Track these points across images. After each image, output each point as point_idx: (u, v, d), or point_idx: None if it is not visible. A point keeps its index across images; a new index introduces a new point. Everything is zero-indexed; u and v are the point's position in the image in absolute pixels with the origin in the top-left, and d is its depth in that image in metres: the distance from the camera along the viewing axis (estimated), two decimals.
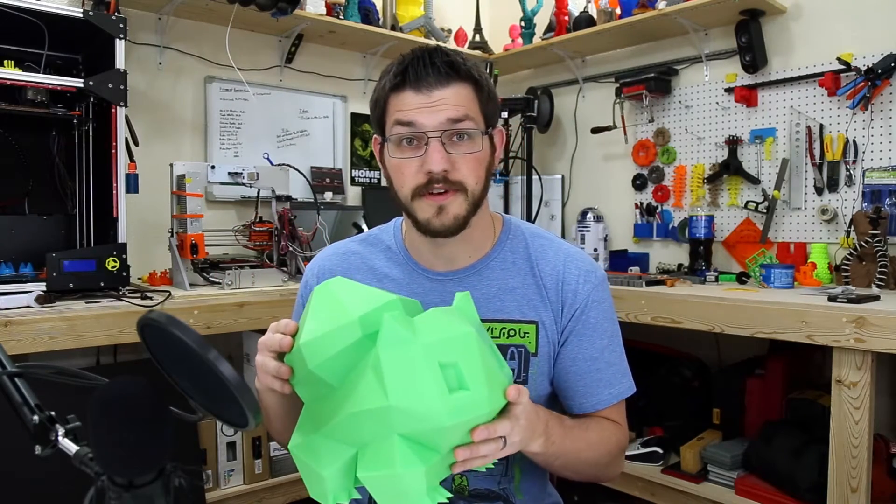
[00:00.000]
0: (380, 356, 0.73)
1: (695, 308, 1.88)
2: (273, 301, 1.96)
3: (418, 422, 0.72)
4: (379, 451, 0.74)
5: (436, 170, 0.93)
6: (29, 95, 1.77)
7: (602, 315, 1.04)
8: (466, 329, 0.78)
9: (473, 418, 0.75)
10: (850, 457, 1.57)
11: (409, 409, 0.72)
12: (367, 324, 0.76)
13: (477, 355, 0.76)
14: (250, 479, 2.06)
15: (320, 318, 0.77)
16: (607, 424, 1.02)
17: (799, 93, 2.26)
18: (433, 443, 0.75)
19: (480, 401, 0.75)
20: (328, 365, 0.76)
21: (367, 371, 0.74)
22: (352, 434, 0.75)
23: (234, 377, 0.53)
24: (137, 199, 1.97)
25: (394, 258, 1.08)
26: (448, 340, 0.76)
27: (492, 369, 0.78)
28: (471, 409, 0.74)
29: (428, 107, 0.92)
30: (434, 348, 0.74)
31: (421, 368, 0.73)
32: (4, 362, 0.67)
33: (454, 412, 0.73)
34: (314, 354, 0.76)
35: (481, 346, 0.78)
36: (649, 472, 2.10)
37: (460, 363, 0.75)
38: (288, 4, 2.29)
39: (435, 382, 0.73)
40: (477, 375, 0.75)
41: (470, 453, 0.76)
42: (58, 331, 1.61)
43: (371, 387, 0.73)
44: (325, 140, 2.85)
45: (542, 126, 2.89)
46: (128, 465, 0.57)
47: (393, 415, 0.72)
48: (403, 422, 0.72)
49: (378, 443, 0.74)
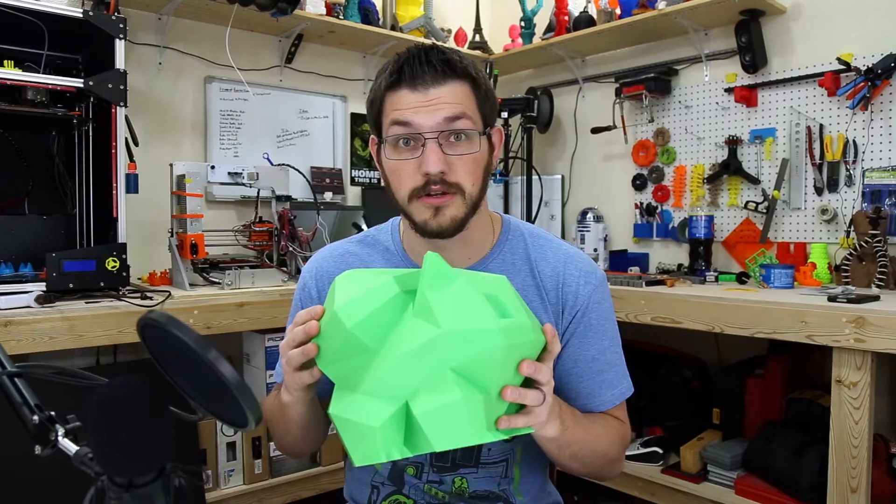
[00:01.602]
0: (426, 293, 0.73)
1: (695, 308, 1.88)
2: (273, 301, 1.96)
3: (473, 344, 0.72)
4: (433, 390, 0.72)
5: (432, 171, 0.92)
6: (29, 95, 1.77)
7: (602, 316, 1.04)
8: (500, 276, 0.83)
9: (524, 342, 0.76)
10: (850, 457, 1.57)
11: (464, 330, 0.72)
12: (403, 283, 0.77)
13: (513, 293, 0.80)
14: (250, 479, 2.06)
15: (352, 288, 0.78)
16: (611, 420, 1.03)
17: (799, 93, 2.26)
18: (485, 378, 0.74)
19: (526, 326, 0.77)
20: (366, 323, 0.74)
21: (409, 319, 0.74)
22: (400, 383, 0.73)
23: (234, 377, 0.53)
24: (137, 199, 1.97)
25: (392, 259, 1.07)
26: (486, 278, 0.80)
27: (527, 308, 0.82)
28: (520, 332, 0.76)
29: (424, 106, 0.91)
30: (476, 282, 0.77)
31: (469, 297, 0.74)
32: (4, 362, 0.67)
33: (507, 332, 0.73)
34: (351, 315, 0.74)
35: (515, 291, 0.82)
36: (649, 472, 2.10)
37: (501, 296, 0.77)
38: (288, 4, 2.29)
39: (483, 308, 0.74)
40: (517, 307, 0.78)
41: (518, 394, 0.76)
42: (58, 331, 1.61)
43: (417, 326, 0.73)
44: (324, 140, 2.85)
45: (541, 126, 2.89)
46: (128, 465, 0.57)
47: (446, 343, 0.71)
48: (457, 350, 0.72)
49: (430, 384, 0.72)
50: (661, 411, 2.30)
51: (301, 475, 2.14)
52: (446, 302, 0.73)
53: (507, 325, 0.74)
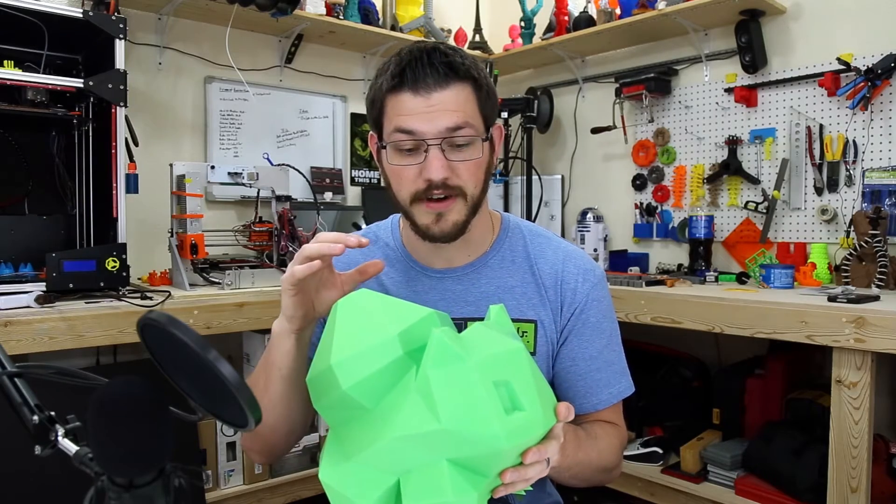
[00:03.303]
0: (429, 376, 0.68)
1: (695, 308, 1.88)
2: (273, 301, 1.96)
3: (473, 446, 0.68)
4: (425, 479, 0.69)
5: (436, 178, 0.92)
6: (29, 95, 1.77)
7: (601, 314, 1.04)
8: (516, 344, 0.74)
9: (529, 440, 0.72)
10: (850, 457, 1.57)
11: (464, 432, 0.67)
12: (407, 341, 0.71)
13: (528, 372, 0.73)
14: (250, 479, 2.06)
15: (352, 336, 0.72)
16: (611, 430, 1.02)
17: (799, 93, 2.26)
18: (483, 467, 0.71)
19: (536, 421, 0.71)
20: (364, 386, 0.70)
21: (411, 392, 0.69)
22: (393, 461, 0.70)
23: (234, 377, 0.53)
24: (137, 199, 1.97)
25: (392, 256, 1.08)
26: (499, 357, 0.71)
27: (542, 386, 0.75)
28: (527, 430, 0.71)
29: (427, 112, 0.91)
30: (487, 366, 0.69)
31: (475, 388, 0.67)
32: (4, 362, 0.67)
33: (513, 434, 0.68)
34: (348, 375, 0.70)
35: (531, 362, 0.75)
36: (649, 472, 2.10)
37: (513, 381, 0.70)
38: (288, 4, 2.29)
39: (491, 403, 0.67)
40: (531, 394, 0.71)
41: (518, 475, 0.72)
42: (58, 331, 1.61)
43: (417, 409, 0.68)
44: (324, 140, 2.85)
45: (541, 126, 2.89)
46: (128, 465, 0.57)
47: (445, 439, 0.67)
48: (455, 446, 0.68)
49: (423, 469, 0.69)
50: (661, 411, 2.30)
51: (301, 475, 2.14)
52: (450, 389, 0.67)
53: (514, 427, 0.69)
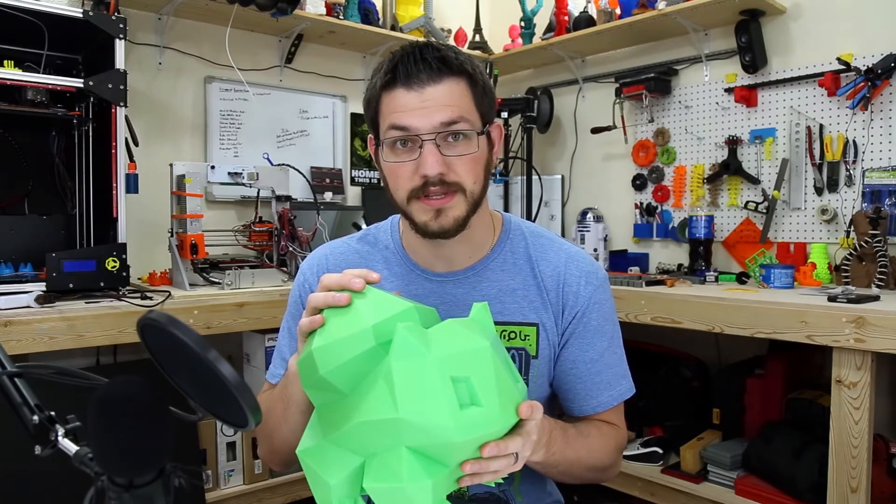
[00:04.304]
0: (392, 367, 0.72)
1: (695, 308, 1.88)
2: (273, 301, 1.96)
3: (427, 436, 0.71)
4: (386, 463, 0.73)
5: (431, 174, 0.90)
6: (29, 95, 1.77)
7: (603, 317, 1.03)
8: (482, 343, 0.76)
9: (484, 435, 0.74)
10: (850, 457, 1.57)
11: (419, 423, 0.71)
12: (381, 333, 0.75)
13: (491, 370, 0.75)
14: (250, 479, 2.06)
15: (334, 324, 0.77)
16: (607, 429, 1.02)
17: (799, 93, 2.26)
18: (441, 457, 0.74)
19: (492, 418, 0.74)
20: (339, 371, 0.75)
21: (379, 381, 0.73)
22: (360, 443, 0.75)
23: (234, 377, 0.53)
24: (137, 199, 1.97)
25: (392, 259, 1.06)
26: (462, 354, 0.74)
27: (505, 385, 0.77)
28: (482, 425, 0.73)
29: (421, 107, 0.90)
30: (447, 362, 0.73)
31: (432, 382, 0.71)
32: (4, 362, 0.67)
33: (464, 429, 0.71)
34: (326, 360, 0.75)
35: (496, 361, 0.77)
36: (649, 472, 2.10)
37: (473, 378, 0.73)
38: (288, 4, 2.29)
39: (446, 397, 0.71)
40: (489, 391, 0.73)
41: (479, 467, 0.74)
42: (58, 331, 1.61)
43: (382, 397, 0.72)
44: (324, 140, 2.85)
45: (541, 126, 2.89)
46: (128, 465, 0.57)
47: (402, 427, 0.71)
48: (412, 435, 0.71)
49: (385, 454, 0.73)
50: (661, 411, 2.30)
51: (301, 475, 2.13)
52: (410, 381, 0.71)
53: (468, 421, 0.72)
